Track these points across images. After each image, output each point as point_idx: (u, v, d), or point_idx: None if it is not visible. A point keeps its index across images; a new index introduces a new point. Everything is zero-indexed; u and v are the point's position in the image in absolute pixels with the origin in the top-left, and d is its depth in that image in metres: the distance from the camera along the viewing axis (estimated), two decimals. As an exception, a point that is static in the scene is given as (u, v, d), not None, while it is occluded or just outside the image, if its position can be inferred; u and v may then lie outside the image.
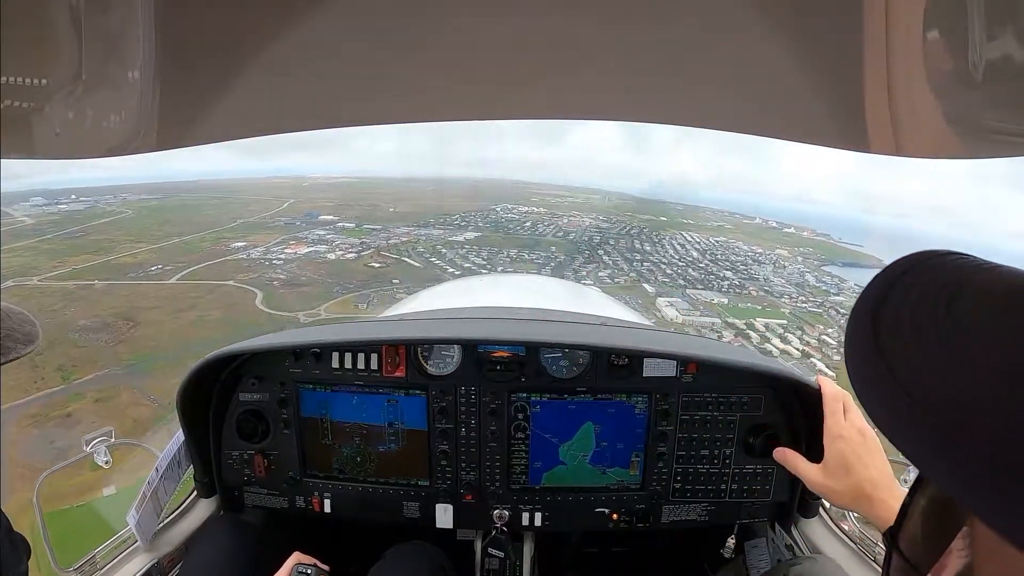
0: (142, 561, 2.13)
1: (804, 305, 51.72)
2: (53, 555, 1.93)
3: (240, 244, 60.65)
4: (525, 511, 2.44)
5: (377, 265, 57.51)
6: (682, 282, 58.97)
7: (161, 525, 2.26)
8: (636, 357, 2.32)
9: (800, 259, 69.76)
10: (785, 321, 47.54)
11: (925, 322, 0.54)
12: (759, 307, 51.56)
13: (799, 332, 45.76)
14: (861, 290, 0.66)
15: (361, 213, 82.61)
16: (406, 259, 60.50)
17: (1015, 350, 0.45)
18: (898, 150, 0.97)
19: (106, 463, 2.10)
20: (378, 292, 44.83)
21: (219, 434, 2.42)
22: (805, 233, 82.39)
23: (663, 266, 63.59)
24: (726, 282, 58.59)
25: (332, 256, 58.60)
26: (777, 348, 39.82)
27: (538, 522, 2.44)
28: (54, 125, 0.76)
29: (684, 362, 2.31)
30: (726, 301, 52.17)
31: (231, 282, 47.86)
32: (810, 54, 0.88)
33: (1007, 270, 0.55)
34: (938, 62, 0.76)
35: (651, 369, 2.32)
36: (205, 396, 2.35)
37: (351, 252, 60.52)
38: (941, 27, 0.73)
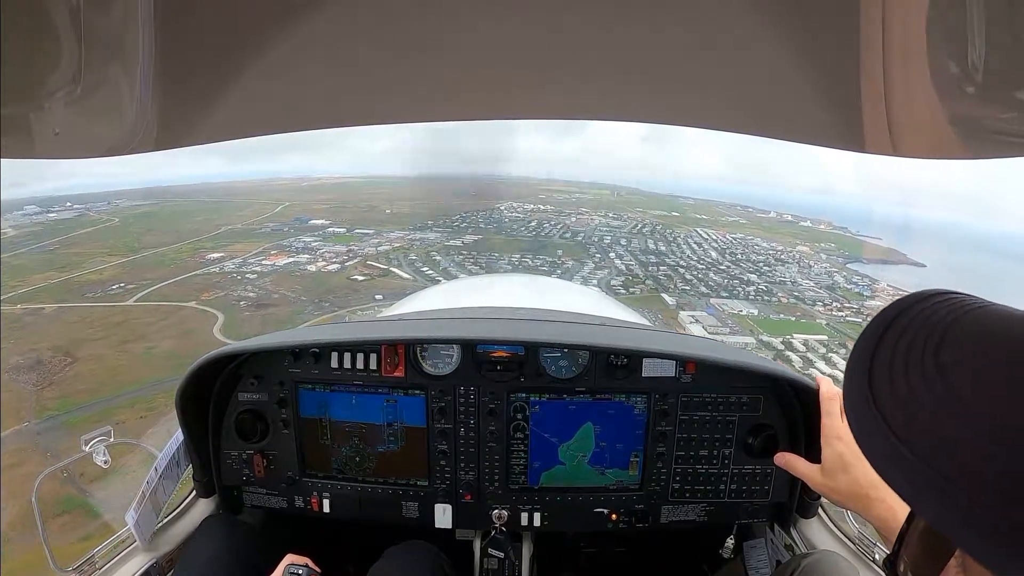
0: (141, 561, 2.14)
1: (840, 313, 46.66)
2: (52, 555, 1.93)
3: (216, 255, 55.33)
4: (524, 511, 2.46)
5: (361, 278, 51.96)
6: (704, 289, 53.27)
7: (160, 525, 2.27)
8: (635, 357, 2.33)
9: (824, 256, 64.79)
10: (825, 336, 42.14)
11: (917, 378, 0.57)
12: (793, 318, 45.80)
13: (843, 350, 39.50)
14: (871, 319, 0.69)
15: (355, 216, 77.39)
16: (395, 269, 54.85)
17: (1001, 408, 0.50)
18: (896, 150, 0.99)
19: (105, 463, 2.08)
20: (354, 312, 39.49)
21: (218, 434, 2.43)
22: (822, 227, 78.86)
23: (681, 270, 57.81)
24: (752, 287, 52.82)
25: (313, 268, 53.12)
26: (824, 373, 34.05)
27: (537, 522, 2.46)
28: (54, 125, 0.76)
29: (683, 362, 2.33)
30: (756, 312, 46.52)
31: (193, 303, 42.58)
32: (809, 55, 0.90)
33: (991, 312, 0.58)
34: (937, 62, 0.77)
35: (650, 369, 2.34)
36: (204, 396, 2.35)
37: (335, 263, 55.01)
38: (940, 27, 0.73)
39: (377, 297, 44.50)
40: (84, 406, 26.30)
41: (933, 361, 0.56)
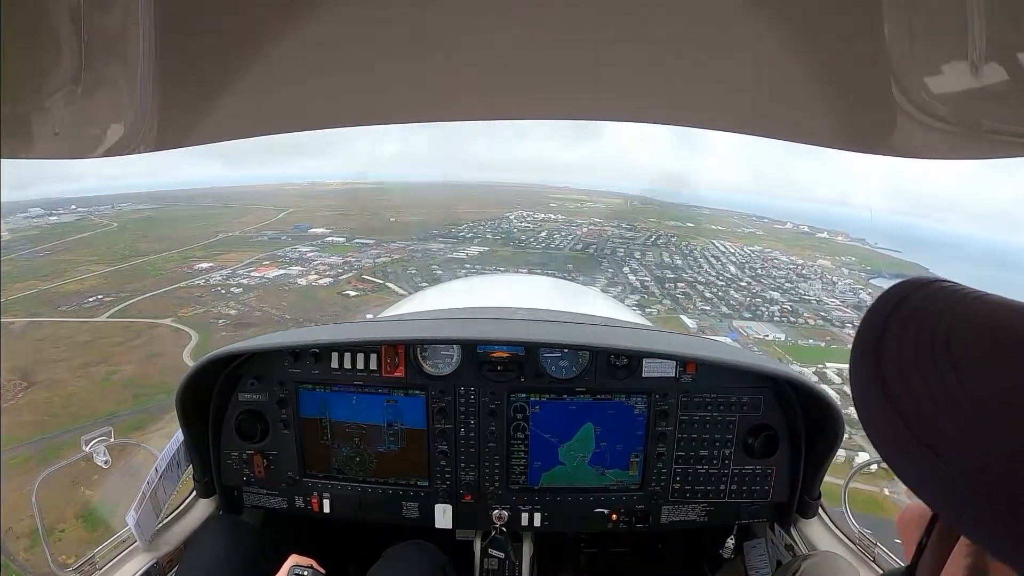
0: (141, 561, 2.16)
1: (872, 336, 42.78)
2: (52, 555, 1.93)
3: (205, 265, 51.84)
4: (524, 511, 2.48)
5: (353, 293, 47.95)
6: (725, 309, 48.93)
7: (160, 525, 2.29)
8: (635, 357, 2.35)
9: (846, 271, 61.06)
10: (861, 365, 38.36)
11: (929, 369, 0.56)
12: (823, 343, 40.94)
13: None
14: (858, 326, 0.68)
15: (358, 224, 74.16)
16: (391, 284, 50.40)
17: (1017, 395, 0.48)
18: (896, 150, 1.00)
19: (105, 463, 2.09)
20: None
21: (218, 434, 2.46)
22: (840, 238, 74.78)
23: (699, 287, 53.91)
24: (776, 307, 48.59)
25: (303, 281, 49.31)
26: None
27: (537, 522, 2.48)
28: (54, 125, 0.77)
29: (683, 362, 2.35)
30: (783, 337, 42.41)
31: (168, 320, 39.14)
32: (811, 55, 0.92)
33: (994, 301, 0.57)
34: (937, 63, 0.78)
35: (650, 369, 2.36)
36: (204, 396, 2.38)
37: (327, 276, 51.30)
38: (941, 27, 0.75)
39: (368, 316, 41.31)
40: (27, 443, 23.22)
41: (945, 353, 0.55)
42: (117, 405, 26.74)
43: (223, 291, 46.44)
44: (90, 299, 42.12)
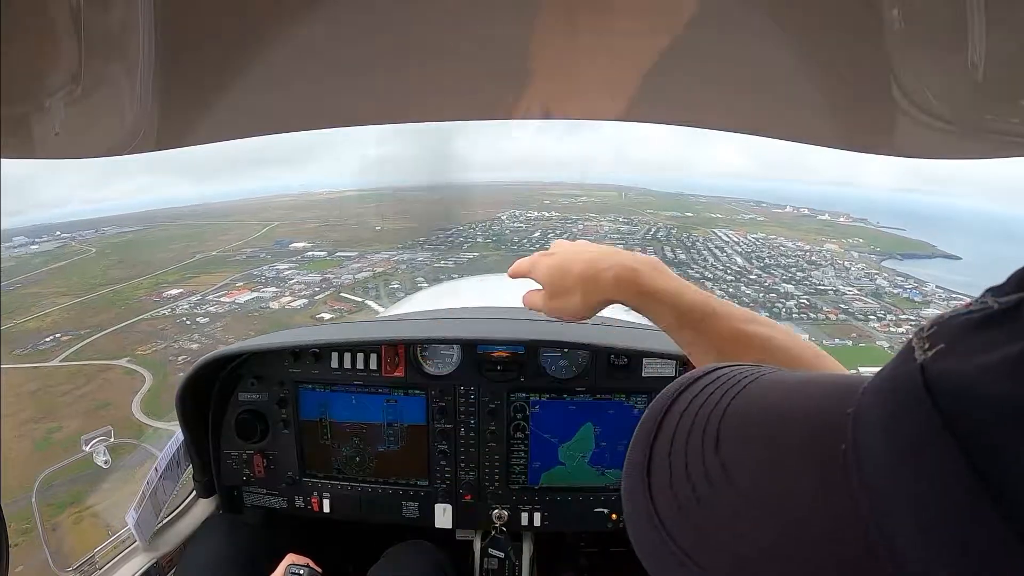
0: (141, 561, 2.15)
1: (899, 329, 38.66)
2: (51, 555, 1.93)
3: (175, 292, 48.35)
4: (524, 511, 2.47)
5: (328, 316, 44.07)
6: (738, 309, 46.19)
7: (160, 525, 2.28)
8: (636, 357, 2.34)
9: (855, 254, 57.83)
10: (895, 364, 34.93)
11: (699, 480, 0.50)
12: (849, 342, 37.55)
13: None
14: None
15: (342, 235, 70.56)
16: (370, 302, 46.61)
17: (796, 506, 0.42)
18: (898, 150, 1.01)
19: (105, 463, 2.07)
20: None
21: (218, 434, 2.45)
22: (841, 220, 72.53)
23: (708, 284, 50.20)
24: (792, 301, 45.15)
25: (275, 305, 45.84)
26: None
27: (537, 522, 2.47)
28: (54, 125, 0.77)
29: (683, 362, 2.33)
30: (807, 338, 39.15)
31: (123, 361, 35.64)
32: (810, 54, 0.92)
33: (756, 394, 0.52)
34: (937, 62, 0.79)
35: (650, 369, 2.35)
36: (204, 396, 2.37)
37: (302, 296, 47.80)
38: (941, 27, 0.75)
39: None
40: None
41: (716, 461, 0.49)
42: (53, 474, 23.30)
43: (188, 321, 42.53)
44: (47, 339, 38.33)
